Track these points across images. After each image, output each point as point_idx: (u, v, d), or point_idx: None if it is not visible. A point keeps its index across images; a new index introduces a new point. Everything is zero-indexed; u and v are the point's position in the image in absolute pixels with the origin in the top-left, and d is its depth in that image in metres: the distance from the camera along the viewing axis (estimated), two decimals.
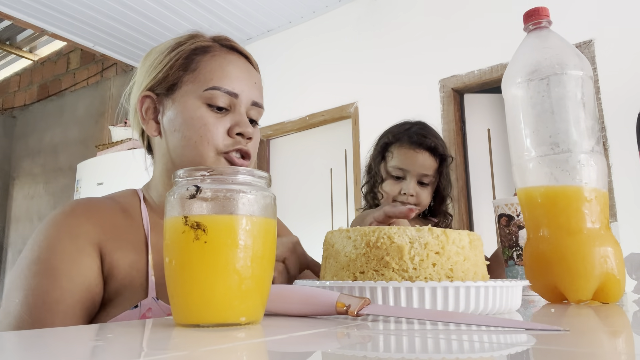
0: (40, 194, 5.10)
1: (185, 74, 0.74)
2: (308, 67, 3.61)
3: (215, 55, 0.76)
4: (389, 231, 0.51)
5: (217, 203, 0.39)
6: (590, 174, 0.63)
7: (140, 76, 0.79)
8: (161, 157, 0.77)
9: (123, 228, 0.71)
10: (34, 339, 0.34)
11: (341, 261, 0.53)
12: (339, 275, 0.52)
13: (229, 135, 0.73)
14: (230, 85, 0.73)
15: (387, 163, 1.24)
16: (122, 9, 3.51)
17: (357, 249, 0.52)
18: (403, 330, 0.38)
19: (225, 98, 0.73)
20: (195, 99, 0.73)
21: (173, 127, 0.73)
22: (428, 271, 0.50)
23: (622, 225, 2.26)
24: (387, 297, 0.46)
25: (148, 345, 0.32)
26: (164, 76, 0.75)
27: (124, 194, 0.78)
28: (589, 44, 2.48)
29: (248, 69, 0.78)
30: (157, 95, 0.76)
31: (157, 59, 0.77)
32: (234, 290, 0.38)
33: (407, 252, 0.50)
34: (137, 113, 0.77)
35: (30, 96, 5.57)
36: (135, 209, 0.75)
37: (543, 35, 0.68)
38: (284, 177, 3.66)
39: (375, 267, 0.50)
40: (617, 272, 0.60)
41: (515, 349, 0.32)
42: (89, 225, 0.67)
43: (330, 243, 0.56)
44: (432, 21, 3.07)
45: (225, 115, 0.73)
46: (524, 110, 0.66)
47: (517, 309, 0.54)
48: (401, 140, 1.24)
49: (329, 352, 0.31)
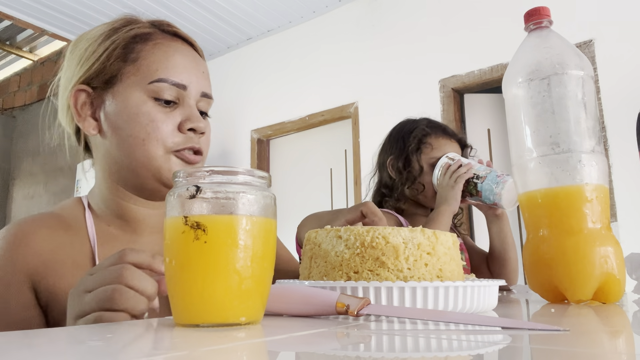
0: (40, 194, 5.10)
1: (126, 65, 0.67)
2: (308, 67, 3.61)
3: (157, 44, 0.69)
4: (383, 231, 0.51)
5: (217, 203, 0.39)
6: (592, 173, 0.63)
7: (70, 68, 0.71)
8: (102, 157, 0.70)
9: (64, 248, 0.66)
10: (31, 339, 0.34)
11: (332, 261, 0.52)
12: (330, 275, 0.52)
13: (179, 131, 0.67)
14: (177, 76, 0.67)
15: (426, 155, 1.26)
16: (122, 9, 3.50)
17: (350, 249, 0.51)
18: (402, 330, 0.38)
19: (173, 90, 0.67)
20: (139, 93, 0.66)
21: (116, 125, 0.67)
22: (421, 271, 0.50)
23: (622, 225, 2.26)
24: (380, 297, 0.46)
25: (148, 345, 0.32)
26: (101, 68, 0.68)
27: (67, 205, 0.72)
28: (589, 44, 2.48)
29: (194, 57, 0.72)
30: (94, 89, 0.68)
31: (89, 49, 0.69)
32: (234, 290, 0.38)
33: (402, 252, 0.50)
34: (69, 109, 0.70)
35: (30, 96, 5.56)
36: (79, 220, 0.69)
37: (544, 35, 0.68)
38: (284, 177, 3.66)
39: (371, 267, 0.50)
40: (617, 272, 0.60)
41: (516, 349, 0.32)
42: (19, 256, 0.63)
43: (316, 242, 0.55)
44: (432, 21, 3.07)
45: (174, 109, 0.67)
46: (525, 110, 0.66)
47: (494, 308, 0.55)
48: (436, 132, 1.29)
49: (330, 352, 0.31)
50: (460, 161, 1.18)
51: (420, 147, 1.27)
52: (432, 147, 1.26)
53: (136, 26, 0.71)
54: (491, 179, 1.10)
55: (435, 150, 1.26)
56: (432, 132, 1.28)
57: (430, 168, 1.25)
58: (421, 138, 1.28)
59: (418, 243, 0.51)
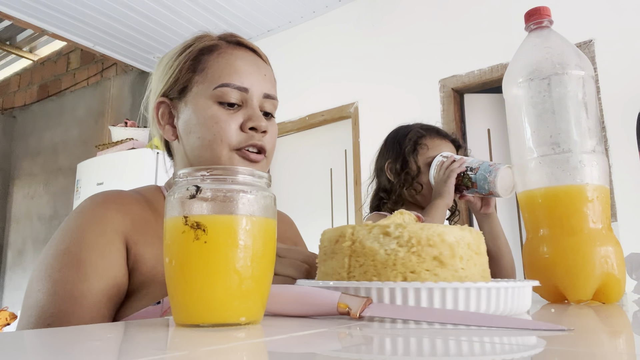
0: (40, 194, 5.10)
1: (195, 75, 0.74)
2: (308, 67, 3.61)
3: (222, 53, 0.76)
4: (437, 229, 0.48)
5: (217, 203, 0.39)
6: (592, 173, 0.62)
7: (154, 83, 0.80)
8: (180, 160, 0.78)
9: (150, 221, 0.71)
10: (31, 339, 0.34)
11: (382, 260, 0.47)
12: (384, 275, 0.47)
13: (242, 130, 0.72)
14: (239, 80, 0.73)
15: (422, 155, 1.30)
16: (122, 9, 3.51)
17: (404, 247, 0.47)
18: (403, 330, 0.38)
19: (236, 93, 0.73)
20: (206, 99, 0.73)
21: (188, 130, 0.74)
22: (472, 271, 0.48)
23: (622, 225, 2.26)
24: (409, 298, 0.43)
25: (148, 345, 0.32)
26: (175, 80, 0.76)
27: (149, 189, 0.78)
28: (589, 44, 2.48)
29: (256, 62, 0.78)
30: (171, 100, 0.77)
31: (167, 64, 0.78)
32: (234, 290, 0.38)
33: (457, 251, 0.47)
34: (154, 120, 0.78)
35: (30, 96, 5.56)
36: (160, 204, 0.75)
37: (544, 35, 0.68)
38: (284, 177, 3.66)
39: (429, 267, 0.47)
40: (617, 272, 0.60)
41: (516, 348, 0.32)
42: (118, 216, 0.68)
43: (353, 239, 0.49)
44: (432, 21, 3.07)
45: (238, 111, 0.73)
46: (525, 110, 0.66)
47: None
48: (431, 133, 1.33)
49: (329, 352, 0.31)
50: (453, 157, 1.21)
51: (416, 148, 1.31)
52: (427, 147, 1.30)
53: (204, 40, 0.78)
54: (484, 168, 1.12)
55: (431, 150, 1.29)
56: (427, 133, 1.33)
57: (427, 168, 1.28)
58: (416, 140, 1.32)
59: (468, 242, 0.49)
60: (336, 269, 0.50)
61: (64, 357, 0.27)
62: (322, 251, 0.54)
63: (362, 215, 2.09)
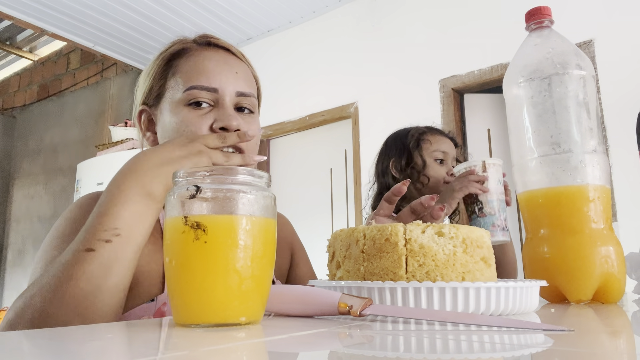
0: (40, 194, 5.10)
1: (167, 81, 0.75)
2: (308, 67, 3.61)
3: (191, 55, 0.75)
4: (480, 231, 0.51)
5: (217, 203, 0.39)
6: (594, 173, 0.62)
7: (138, 91, 0.81)
8: None
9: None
10: (31, 339, 0.34)
11: (442, 260, 0.48)
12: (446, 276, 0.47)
13: (213, 131, 0.71)
14: (206, 81, 0.72)
15: (426, 150, 1.33)
16: (122, 9, 3.51)
17: (459, 247, 0.48)
18: (404, 330, 0.38)
19: (205, 94, 0.72)
20: (177, 103, 0.73)
21: (165, 135, 0.74)
22: (494, 272, 0.51)
23: (622, 225, 2.26)
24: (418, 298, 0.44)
25: (148, 345, 0.32)
26: (150, 87, 0.77)
27: None
28: (589, 44, 2.48)
29: (226, 60, 0.76)
30: (150, 107, 0.77)
31: (147, 72, 0.78)
32: (234, 290, 0.38)
33: (492, 253, 0.51)
34: (138, 127, 0.80)
35: (30, 96, 5.56)
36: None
37: (545, 35, 0.68)
38: (284, 177, 3.66)
39: (479, 268, 0.48)
40: (617, 272, 0.60)
41: (517, 348, 0.32)
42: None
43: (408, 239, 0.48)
44: (432, 21, 3.07)
45: (209, 111, 0.72)
46: (526, 110, 0.66)
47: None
48: (431, 130, 1.38)
49: (329, 352, 0.31)
50: (484, 177, 1.07)
51: (419, 144, 1.34)
52: (430, 142, 1.34)
53: (176, 44, 0.78)
54: (485, 224, 1.03)
55: (434, 144, 1.33)
56: (428, 130, 1.37)
57: (432, 161, 1.30)
58: (419, 136, 1.35)
59: (489, 244, 0.53)
60: (390, 268, 0.49)
61: (64, 357, 0.27)
62: (344, 247, 0.53)
63: (362, 217, 2.09)
